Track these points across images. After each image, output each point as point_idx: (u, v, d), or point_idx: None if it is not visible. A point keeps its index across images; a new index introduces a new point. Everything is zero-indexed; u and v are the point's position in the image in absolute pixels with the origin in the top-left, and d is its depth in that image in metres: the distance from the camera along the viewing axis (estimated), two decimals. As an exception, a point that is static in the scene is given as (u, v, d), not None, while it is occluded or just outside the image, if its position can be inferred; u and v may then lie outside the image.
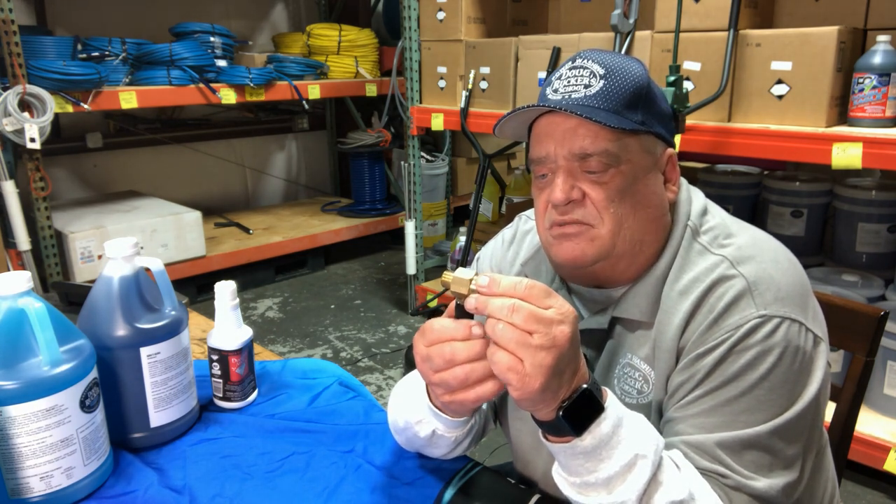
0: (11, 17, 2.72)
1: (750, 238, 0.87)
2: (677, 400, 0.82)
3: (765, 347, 0.77)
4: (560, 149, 0.83)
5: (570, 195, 0.83)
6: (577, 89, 0.83)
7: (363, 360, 3.08)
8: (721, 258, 0.83)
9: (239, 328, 1.11)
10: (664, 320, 0.84)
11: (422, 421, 0.90)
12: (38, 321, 0.84)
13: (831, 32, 1.94)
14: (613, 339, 0.89)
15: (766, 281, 0.80)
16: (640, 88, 0.84)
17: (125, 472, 0.96)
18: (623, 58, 0.86)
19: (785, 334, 0.78)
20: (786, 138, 2.02)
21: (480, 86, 2.94)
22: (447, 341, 0.75)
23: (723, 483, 0.77)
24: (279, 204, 4.92)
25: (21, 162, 2.92)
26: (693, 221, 0.88)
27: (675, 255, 0.86)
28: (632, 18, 2.26)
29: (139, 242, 0.99)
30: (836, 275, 2.32)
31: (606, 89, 0.82)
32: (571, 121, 0.82)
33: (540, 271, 0.97)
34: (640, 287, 0.87)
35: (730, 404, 0.78)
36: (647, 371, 0.86)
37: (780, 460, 0.78)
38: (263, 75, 3.60)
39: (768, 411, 0.77)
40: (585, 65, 0.85)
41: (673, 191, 0.89)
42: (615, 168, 0.82)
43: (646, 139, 0.85)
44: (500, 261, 1.05)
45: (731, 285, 0.80)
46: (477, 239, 3.26)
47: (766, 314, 0.78)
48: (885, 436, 2.04)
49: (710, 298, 0.81)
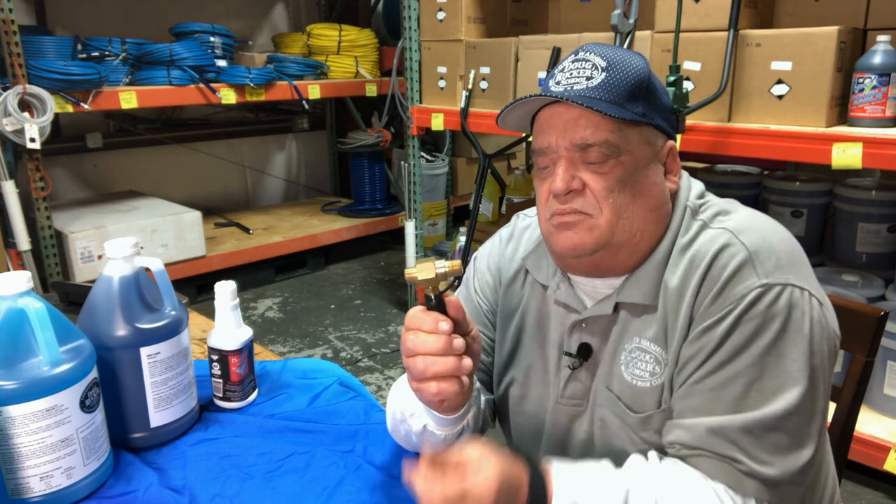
0: (11, 17, 2.72)
1: (748, 213, 0.88)
2: (689, 373, 0.82)
3: (769, 315, 0.78)
4: (561, 139, 0.84)
5: (570, 184, 0.84)
6: (579, 81, 0.84)
7: (363, 360, 3.08)
8: (722, 230, 0.85)
9: (239, 328, 1.11)
10: (673, 298, 0.84)
11: (414, 414, 0.91)
12: (38, 321, 0.84)
13: (831, 32, 1.94)
14: (618, 325, 0.90)
15: (767, 250, 0.81)
16: (641, 81, 0.85)
17: (125, 472, 0.96)
18: (625, 51, 0.87)
19: (787, 301, 0.79)
20: (786, 138, 2.02)
21: (480, 86, 2.93)
22: (415, 330, 0.79)
23: (737, 469, 0.77)
24: (279, 204, 4.92)
25: (21, 162, 2.92)
26: (692, 202, 0.90)
27: (675, 236, 0.87)
28: (632, 18, 2.26)
29: (139, 242, 1.00)
30: (836, 275, 2.32)
31: (608, 81, 0.83)
32: (573, 111, 0.84)
33: (541, 265, 0.98)
34: (642, 271, 0.87)
35: (742, 375, 0.78)
36: (658, 352, 0.86)
37: (797, 439, 0.78)
38: (263, 75, 3.60)
39: (782, 379, 0.78)
40: (588, 57, 0.86)
41: (674, 181, 0.90)
42: (615, 159, 0.83)
43: (646, 131, 0.86)
44: (497, 258, 1.05)
45: (733, 254, 0.81)
46: (477, 239, 3.25)
47: (768, 282, 0.79)
48: (885, 436, 2.04)
49: (714, 269, 0.82)
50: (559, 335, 0.95)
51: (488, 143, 3.72)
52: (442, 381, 0.79)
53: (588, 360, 0.92)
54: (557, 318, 0.96)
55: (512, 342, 1.01)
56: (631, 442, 0.88)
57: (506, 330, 1.02)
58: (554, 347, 0.96)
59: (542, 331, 0.98)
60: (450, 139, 4.54)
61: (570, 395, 0.94)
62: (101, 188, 4.11)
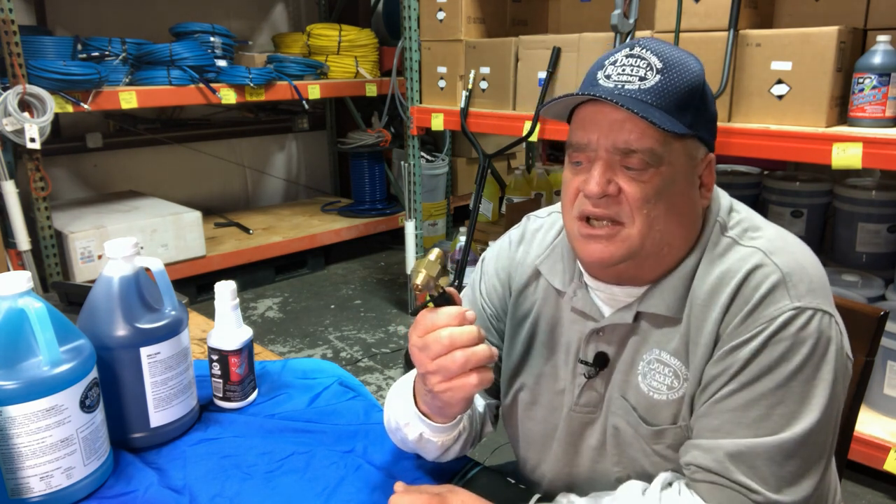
0: (11, 17, 2.72)
1: (776, 231, 0.87)
2: (711, 393, 0.81)
3: (799, 339, 0.77)
4: (604, 139, 0.80)
5: (606, 189, 0.81)
6: (631, 80, 0.80)
7: (363, 360, 3.08)
8: (754, 249, 0.83)
9: (239, 328, 1.11)
10: (699, 314, 0.83)
11: (409, 424, 0.90)
12: (38, 321, 0.84)
13: (831, 32, 1.94)
14: (638, 335, 0.88)
15: (800, 272, 0.80)
16: (695, 89, 0.82)
17: (125, 472, 0.96)
18: (682, 52, 0.83)
19: (818, 326, 0.78)
20: (786, 138, 2.02)
21: (480, 86, 2.93)
22: (444, 327, 0.77)
23: (751, 500, 0.76)
24: (279, 204, 4.92)
25: (21, 162, 2.91)
26: (721, 217, 0.87)
27: (703, 250, 0.85)
28: (632, 18, 2.26)
29: (139, 242, 0.99)
30: (836, 275, 2.32)
31: (662, 85, 0.79)
32: (620, 113, 0.79)
33: (556, 270, 0.96)
34: (667, 282, 0.85)
35: (765, 398, 0.77)
36: (678, 366, 0.84)
37: (812, 465, 0.78)
38: (263, 75, 3.60)
39: (804, 404, 0.77)
40: (644, 55, 0.81)
41: (707, 197, 0.87)
42: (655, 168, 0.80)
43: (690, 143, 0.83)
44: (507, 262, 1.03)
45: (766, 275, 0.80)
46: (477, 239, 3.25)
47: (801, 306, 0.78)
48: (885, 436, 2.04)
49: (745, 289, 0.80)
50: (574, 342, 0.93)
51: (488, 143, 3.72)
52: (483, 371, 0.78)
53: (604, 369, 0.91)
54: (572, 324, 0.93)
55: (523, 347, 0.98)
56: (643, 453, 0.87)
57: (516, 335, 0.99)
58: (567, 354, 0.94)
59: (554, 337, 0.95)
60: (450, 139, 4.54)
61: (584, 402, 0.92)
62: (101, 188, 4.11)
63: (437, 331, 0.77)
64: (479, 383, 0.78)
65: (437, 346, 0.77)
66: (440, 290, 0.79)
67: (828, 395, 0.78)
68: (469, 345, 0.77)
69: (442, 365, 0.77)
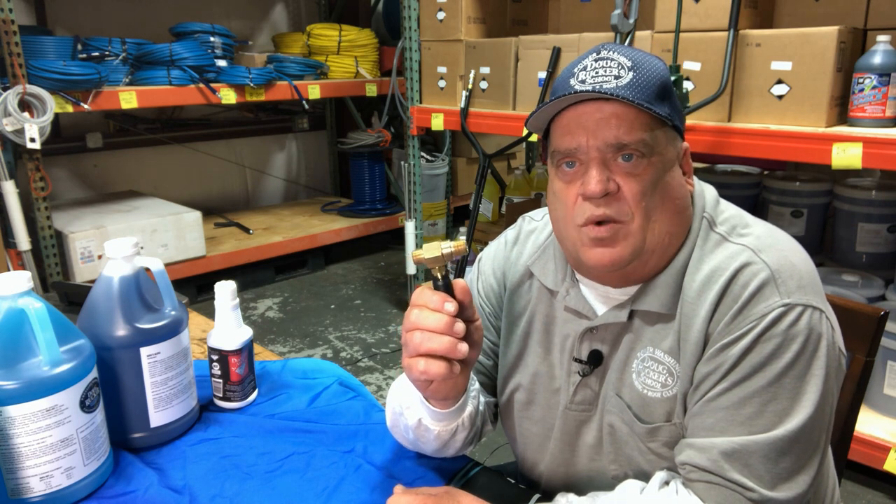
0: (11, 17, 2.72)
1: (766, 228, 0.87)
2: (704, 392, 0.81)
3: (789, 336, 0.77)
4: (593, 139, 0.81)
5: (607, 187, 0.81)
6: (607, 79, 0.81)
7: (363, 360, 3.08)
8: (742, 247, 0.83)
9: (239, 328, 1.11)
10: (689, 311, 0.83)
11: (410, 407, 0.91)
12: (38, 321, 0.84)
13: (831, 32, 1.94)
14: (632, 332, 0.88)
15: (789, 269, 0.80)
16: (665, 82, 0.84)
17: (125, 472, 0.96)
18: (644, 53, 0.86)
19: (808, 322, 0.78)
20: (786, 138, 2.02)
21: (480, 86, 2.93)
22: (421, 306, 0.79)
23: (747, 498, 0.77)
24: (279, 204, 4.92)
25: (21, 162, 2.92)
26: (708, 213, 0.88)
27: (693, 246, 0.86)
28: (632, 18, 2.26)
29: (139, 242, 0.99)
30: (836, 275, 2.32)
31: (637, 80, 0.81)
32: (604, 110, 0.80)
33: (547, 270, 0.96)
34: (660, 279, 0.86)
35: (758, 395, 0.78)
36: (672, 363, 0.85)
37: (805, 462, 0.78)
38: (263, 75, 3.60)
39: (797, 401, 0.77)
40: (612, 56, 0.83)
41: (690, 184, 0.89)
42: (647, 160, 0.81)
43: (670, 132, 0.85)
44: (503, 261, 1.04)
45: (755, 273, 0.80)
46: (477, 239, 3.25)
47: (790, 302, 0.78)
48: (885, 436, 2.04)
49: (734, 287, 0.81)
50: (568, 341, 0.93)
51: (488, 143, 3.72)
52: (431, 360, 0.78)
53: (598, 367, 0.91)
54: (566, 323, 0.94)
55: (518, 347, 0.99)
56: (639, 451, 0.87)
57: (511, 334, 1.00)
58: (562, 353, 0.94)
59: (548, 336, 0.96)
60: (450, 139, 4.54)
61: (579, 401, 0.93)
62: (101, 188, 4.12)
63: (415, 307, 0.80)
64: (423, 371, 0.78)
65: (407, 321, 0.80)
66: (443, 272, 0.80)
67: (820, 390, 0.78)
68: (428, 329, 0.78)
69: (404, 340, 0.80)
